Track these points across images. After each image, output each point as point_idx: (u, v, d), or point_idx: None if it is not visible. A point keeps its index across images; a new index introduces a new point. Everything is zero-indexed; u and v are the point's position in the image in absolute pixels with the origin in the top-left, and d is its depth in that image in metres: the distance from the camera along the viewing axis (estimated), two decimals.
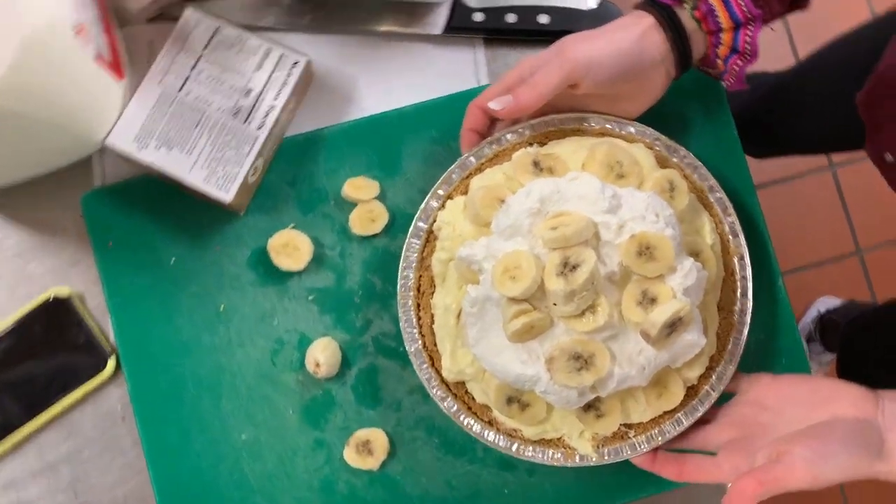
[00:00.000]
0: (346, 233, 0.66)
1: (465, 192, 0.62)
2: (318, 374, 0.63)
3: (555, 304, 0.53)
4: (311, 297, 0.66)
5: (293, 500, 0.64)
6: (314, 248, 0.66)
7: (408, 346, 0.61)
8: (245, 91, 0.64)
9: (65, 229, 0.67)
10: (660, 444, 0.59)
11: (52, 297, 0.65)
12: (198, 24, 0.65)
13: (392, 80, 0.70)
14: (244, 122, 0.63)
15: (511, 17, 0.69)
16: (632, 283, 0.55)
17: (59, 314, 0.65)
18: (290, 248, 0.65)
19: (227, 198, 0.62)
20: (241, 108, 0.64)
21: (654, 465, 0.59)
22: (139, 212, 0.66)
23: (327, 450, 0.64)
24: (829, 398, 0.56)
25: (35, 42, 0.53)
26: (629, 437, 0.60)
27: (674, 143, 0.63)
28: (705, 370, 0.60)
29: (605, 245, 0.55)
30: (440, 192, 0.63)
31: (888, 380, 0.93)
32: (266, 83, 0.64)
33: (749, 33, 0.59)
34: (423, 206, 0.62)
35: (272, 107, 0.64)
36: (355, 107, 0.69)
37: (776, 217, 1.59)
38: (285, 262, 0.65)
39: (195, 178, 0.62)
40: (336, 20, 0.69)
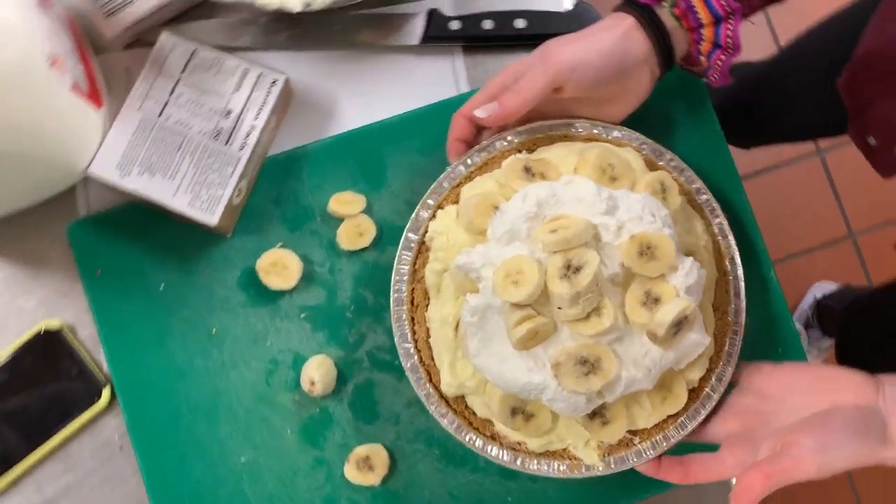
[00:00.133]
0: (334, 248, 0.66)
1: (456, 202, 0.62)
2: (313, 392, 0.63)
3: (559, 308, 0.53)
4: (302, 315, 0.65)
5: None
6: (303, 266, 0.65)
7: (403, 362, 0.60)
8: (225, 112, 0.64)
9: (52, 260, 0.67)
10: (665, 449, 0.59)
11: (44, 329, 0.65)
12: (174, 47, 0.65)
13: (372, 93, 0.70)
14: (226, 144, 0.63)
15: (488, 24, 0.69)
16: (634, 283, 0.54)
17: (51, 347, 0.65)
18: (279, 267, 0.65)
19: (212, 221, 0.62)
20: (222, 129, 0.64)
21: (659, 472, 0.58)
22: (126, 239, 0.66)
23: (327, 468, 0.64)
24: (830, 386, 0.55)
25: (9, 77, 0.53)
26: (634, 444, 0.59)
27: (660, 146, 0.63)
28: (705, 372, 0.60)
29: (605, 246, 0.54)
30: (430, 202, 0.62)
31: (884, 364, 0.93)
32: (246, 103, 0.64)
33: (730, 27, 0.59)
34: (413, 217, 0.62)
35: (253, 127, 0.64)
36: (337, 122, 0.69)
37: (767, 205, 1.59)
38: (275, 282, 0.65)
39: (179, 203, 0.62)
40: (312, 36, 0.69)
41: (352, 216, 0.66)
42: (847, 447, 0.52)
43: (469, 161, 0.62)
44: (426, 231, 0.61)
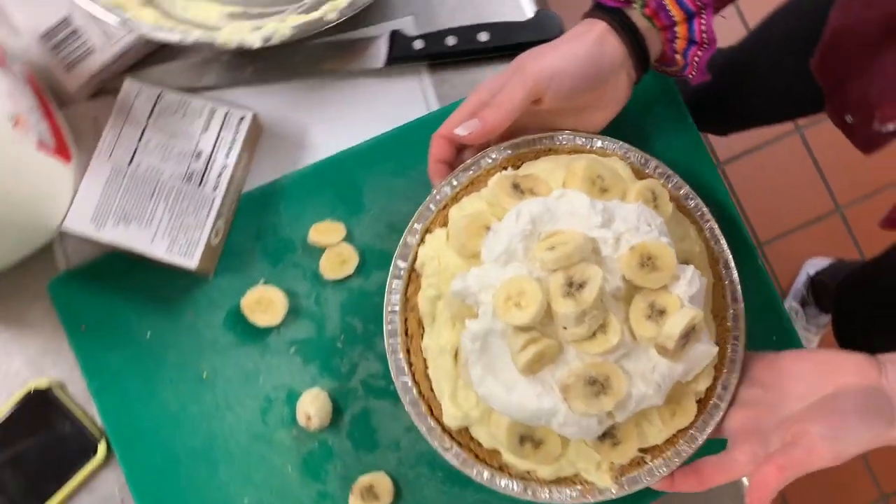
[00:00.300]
0: (318, 279, 0.66)
1: (445, 224, 0.59)
2: (310, 426, 0.62)
3: (565, 328, 0.50)
4: (292, 350, 0.65)
5: None
6: (288, 300, 0.65)
7: (402, 398, 0.58)
8: (195, 154, 0.63)
9: (36, 319, 0.66)
10: (677, 465, 0.57)
11: (32, 390, 0.64)
12: (139, 93, 0.65)
13: (341, 120, 0.69)
14: (199, 186, 0.63)
15: (451, 40, 0.68)
16: (637, 296, 0.52)
17: (41, 406, 0.64)
18: (264, 303, 0.64)
19: (192, 264, 0.61)
20: (194, 171, 0.63)
21: (674, 486, 0.57)
22: (108, 290, 0.65)
23: (331, 502, 0.63)
24: (832, 370, 0.55)
25: None
26: (646, 463, 0.57)
27: (644, 153, 0.62)
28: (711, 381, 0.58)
29: (605, 260, 0.52)
30: (417, 226, 0.60)
31: (879, 337, 0.93)
32: (215, 143, 0.64)
33: (703, 22, 0.58)
34: (400, 243, 0.59)
35: (225, 166, 0.63)
36: (309, 151, 0.69)
37: (751, 187, 1.59)
38: (262, 319, 0.64)
39: (157, 250, 0.61)
40: (277, 68, 0.69)
41: (333, 245, 0.65)
42: (857, 430, 0.51)
43: (454, 181, 0.60)
44: (416, 257, 0.60)
